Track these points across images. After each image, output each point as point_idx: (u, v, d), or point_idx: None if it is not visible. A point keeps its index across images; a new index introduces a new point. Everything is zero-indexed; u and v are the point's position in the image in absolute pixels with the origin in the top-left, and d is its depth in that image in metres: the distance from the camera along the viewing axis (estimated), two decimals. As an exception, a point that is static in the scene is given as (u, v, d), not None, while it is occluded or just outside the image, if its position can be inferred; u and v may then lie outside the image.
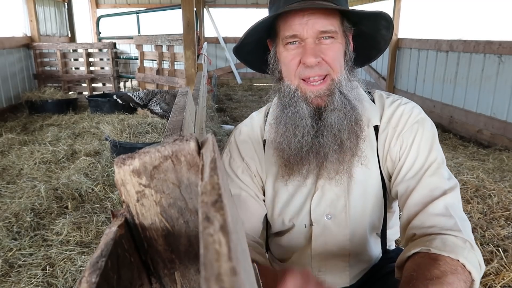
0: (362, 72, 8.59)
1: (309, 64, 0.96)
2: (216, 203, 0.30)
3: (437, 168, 0.98)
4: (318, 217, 1.08)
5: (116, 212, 0.45)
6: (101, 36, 9.12)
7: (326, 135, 0.99)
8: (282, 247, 1.19)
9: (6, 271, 2.16)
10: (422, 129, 1.02)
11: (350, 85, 1.01)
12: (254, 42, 1.06)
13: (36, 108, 5.97)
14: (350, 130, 0.99)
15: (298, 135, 1.00)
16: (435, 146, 1.01)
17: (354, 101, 1.00)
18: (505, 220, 2.61)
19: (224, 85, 9.71)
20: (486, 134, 4.71)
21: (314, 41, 0.96)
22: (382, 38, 1.06)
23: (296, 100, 1.00)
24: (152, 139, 3.77)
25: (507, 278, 2.01)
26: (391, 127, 1.04)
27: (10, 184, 3.29)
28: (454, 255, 0.83)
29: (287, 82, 1.02)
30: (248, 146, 1.14)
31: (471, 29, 7.86)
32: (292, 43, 0.98)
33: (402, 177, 1.00)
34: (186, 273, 0.47)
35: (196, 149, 0.41)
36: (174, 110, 1.60)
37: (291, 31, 0.96)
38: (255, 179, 1.13)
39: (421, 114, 1.05)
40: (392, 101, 1.08)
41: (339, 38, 0.98)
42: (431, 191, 0.95)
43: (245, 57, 1.14)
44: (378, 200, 1.08)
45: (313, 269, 1.14)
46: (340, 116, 0.98)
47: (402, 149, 1.02)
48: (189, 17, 3.84)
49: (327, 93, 0.99)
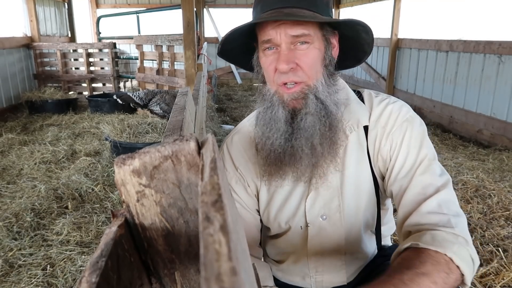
0: (362, 72, 8.59)
1: (282, 71, 0.97)
2: (216, 203, 0.30)
3: (428, 165, 0.98)
4: (313, 218, 1.09)
5: (116, 212, 0.45)
6: (101, 36, 9.12)
7: (299, 138, 1.00)
8: (279, 249, 1.21)
9: (6, 271, 2.17)
10: (411, 127, 1.03)
11: (328, 90, 1.01)
12: (241, 45, 1.08)
13: (36, 108, 5.97)
14: (322, 135, 0.99)
15: (272, 138, 1.02)
16: (425, 143, 1.02)
17: (331, 106, 1.00)
18: (505, 220, 2.61)
19: (224, 85, 9.70)
20: (486, 134, 4.71)
21: (288, 46, 0.96)
22: (364, 42, 1.06)
23: (273, 103, 1.02)
24: (152, 139, 3.77)
25: (507, 278, 2.01)
26: (380, 127, 1.05)
27: (10, 184, 3.29)
28: (442, 249, 0.84)
29: (268, 87, 1.04)
30: (241, 154, 1.16)
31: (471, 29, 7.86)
32: (270, 49, 0.99)
33: (394, 177, 1.02)
34: (186, 273, 0.47)
35: (196, 149, 0.41)
36: (174, 110, 1.60)
37: (266, 36, 0.97)
38: (248, 189, 1.16)
39: (410, 113, 1.06)
40: (380, 100, 1.09)
41: (316, 43, 0.98)
42: (424, 189, 0.96)
43: (234, 59, 1.16)
44: (371, 199, 1.09)
45: (310, 269, 1.15)
46: (313, 120, 0.99)
47: (392, 148, 1.03)
48: (189, 17, 3.84)
49: (301, 96, 1.00)
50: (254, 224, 1.18)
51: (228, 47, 1.07)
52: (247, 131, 1.18)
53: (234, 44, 1.07)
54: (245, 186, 1.15)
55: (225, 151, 1.19)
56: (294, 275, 1.20)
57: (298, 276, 1.19)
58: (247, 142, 1.16)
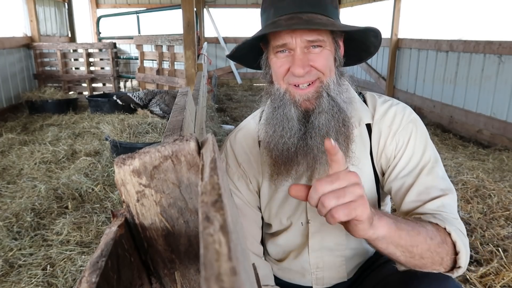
0: (362, 72, 8.58)
1: (297, 75, 0.98)
2: (216, 203, 0.30)
3: (432, 168, 1.02)
4: (314, 214, 1.11)
5: (116, 212, 0.45)
6: (101, 36, 9.12)
7: (314, 137, 1.01)
8: (279, 247, 1.22)
9: (6, 271, 2.16)
10: (416, 128, 1.06)
11: (339, 88, 1.04)
12: (248, 46, 1.09)
13: (36, 108, 5.97)
14: (338, 131, 1.01)
15: (285, 137, 1.03)
16: (429, 144, 1.06)
17: (342, 103, 1.02)
18: (505, 220, 2.61)
19: (224, 85, 9.70)
20: (486, 134, 4.71)
21: (302, 50, 0.98)
22: (371, 44, 1.09)
23: (285, 102, 1.03)
24: (152, 139, 3.76)
25: (507, 278, 2.01)
26: (386, 126, 1.08)
27: (10, 184, 3.29)
28: (442, 223, 0.88)
29: (277, 86, 1.05)
30: (244, 151, 1.17)
31: (471, 29, 7.86)
32: (282, 52, 1.00)
33: (396, 174, 1.04)
34: (186, 273, 0.47)
35: (196, 149, 0.41)
36: (174, 110, 1.60)
37: (280, 41, 0.98)
38: (250, 185, 1.17)
39: (413, 114, 1.10)
40: (384, 101, 1.12)
41: (328, 46, 1.00)
42: (428, 189, 0.99)
43: (240, 58, 1.17)
44: (372, 195, 1.12)
45: (311, 266, 1.16)
46: (327, 117, 1.00)
47: (397, 148, 1.06)
48: (189, 17, 3.84)
49: (315, 96, 1.01)
50: (255, 220, 1.19)
51: (239, 48, 1.08)
52: (251, 129, 1.19)
53: (242, 46, 1.08)
54: (247, 182, 1.17)
55: (228, 147, 1.20)
56: (294, 273, 1.20)
57: (299, 274, 1.19)
58: (251, 140, 1.18)
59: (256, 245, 1.20)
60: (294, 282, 1.22)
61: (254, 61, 1.16)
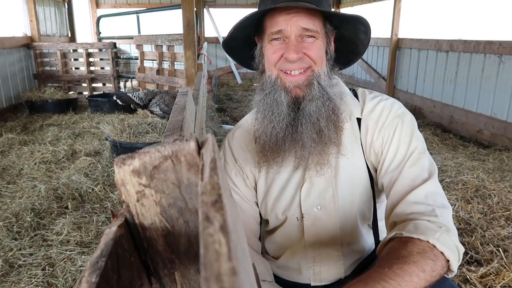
0: (362, 72, 8.58)
1: (291, 60, 1.01)
2: (216, 203, 0.30)
3: (418, 159, 1.02)
4: (308, 209, 1.12)
5: (116, 212, 0.45)
6: (101, 36, 9.12)
7: (305, 124, 1.03)
8: (276, 243, 1.23)
9: (6, 271, 2.16)
10: (402, 122, 1.07)
11: (329, 81, 1.06)
12: (242, 37, 1.12)
13: (36, 108, 5.97)
14: (328, 118, 1.03)
15: (274, 121, 1.05)
16: (415, 136, 1.06)
17: (332, 94, 1.05)
18: (505, 220, 2.61)
19: (224, 85, 9.70)
20: (486, 134, 4.71)
21: (297, 38, 1.01)
22: (360, 42, 1.12)
23: (275, 88, 1.05)
24: (152, 139, 3.77)
25: (507, 278, 2.01)
26: (373, 121, 1.09)
27: (10, 184, 3.29)
28: (424, 237, 0.86)
29: (269, 73, 1.07)
30: (240, 146, 1.20)
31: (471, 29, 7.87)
32: (277, 39, 1.03)
33: (385, 170, 1.05)
34: (186, 273, 0.47)
35: (196, 149, 0.41)
36: (174, 110, 1.60)
37: (276, 27, 1.01)
38: (247, 181, 1.19)
39: (401, 109, 1.10)
40: (373, 97, 1.14)
41: (321, 38, 1.04)
42: (412, 181, 0.99)
43: (233, 51, 1.20)
44: (366, 190, 1.12)
45: (308, 260, 1.17)
46: (318, 105, 1.03)
47: (383, 143, 1.07)
48: (189, 17, 3.84)
49: (306, 83, 1.04)
50: (253, 216, 1.21)
51: (234, 35, 1.10)
52: (248, 126, 1.21)
53: (239, 34, 1.10)
54: (244, 178, 1.18)
55: (226, 144, 1.23)
56: (292, 270, 1.21)
57: (296, 270, 1.20)
58: (247, 136, 1.19)
59: (254, 240, 1.21)
60: (292, 279, 1.22)
61: (245, 57, 1.18)
